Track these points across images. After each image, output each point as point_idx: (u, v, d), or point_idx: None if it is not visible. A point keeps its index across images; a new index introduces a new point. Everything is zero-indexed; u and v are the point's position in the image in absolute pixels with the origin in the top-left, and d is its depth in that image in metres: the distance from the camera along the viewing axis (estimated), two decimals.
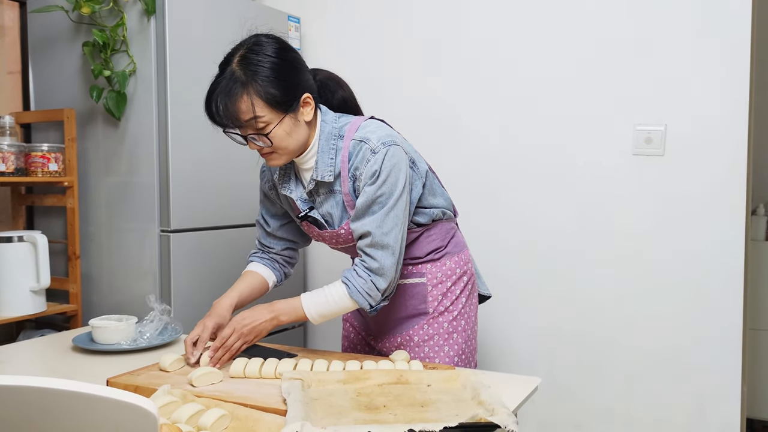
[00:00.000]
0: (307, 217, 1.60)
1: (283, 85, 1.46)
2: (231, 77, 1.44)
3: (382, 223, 1.49)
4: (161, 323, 1.78)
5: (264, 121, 1.45)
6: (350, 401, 1.24)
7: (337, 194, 1.57)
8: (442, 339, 1.65)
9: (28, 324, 2.48)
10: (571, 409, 2.47)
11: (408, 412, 1.19)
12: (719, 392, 2.25)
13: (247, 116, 1.44)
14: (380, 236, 1.49)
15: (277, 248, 1.76)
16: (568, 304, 2.45)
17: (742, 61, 2.16)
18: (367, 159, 1.50)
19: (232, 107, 1.44)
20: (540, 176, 2.47)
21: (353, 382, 1.33)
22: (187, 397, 1.24)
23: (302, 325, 2.88)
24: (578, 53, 2.39)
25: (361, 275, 1.51)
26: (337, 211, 1.58)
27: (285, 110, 1.47)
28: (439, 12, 2.62)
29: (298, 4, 2.86)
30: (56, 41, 2.44)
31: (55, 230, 2.49)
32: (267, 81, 1.44)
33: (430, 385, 1.33)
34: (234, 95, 1.43)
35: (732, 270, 2.22)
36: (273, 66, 1.45)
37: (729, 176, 2.21)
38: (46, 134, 2.50)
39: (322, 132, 1.55)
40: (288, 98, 1.47)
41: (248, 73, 1.44)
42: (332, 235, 1.60)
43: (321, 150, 1.55)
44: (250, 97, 1.43)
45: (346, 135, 1.55)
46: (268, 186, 1.72)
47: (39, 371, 1.56)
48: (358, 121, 1.57)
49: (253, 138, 1.48)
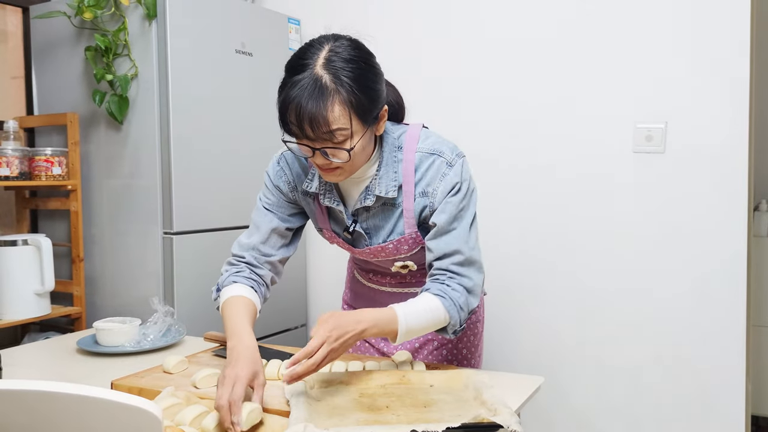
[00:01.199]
0: (354, 231, 1.48)
1: (370, 95, 1.30)
2: (316, 82, 1.25)
3: (469, 238, 1.41)
4: (165, 325, 1.79)
5: (347, 134, 1.28)
6: (353, 402, 1.25)
7: (395, 208, 1.45)
8: (461, 343, 1.65)
9: (33, 327, 2.49)
10: (573, 408, 2.48)
11: (410, 412, 1.19)
12: (723, 389, 2.25)
13: (333, 126, 1.26)
14: (469, 252, 1.40)
15: (276, 257, 1.54)
16: (570, 303, 2.46)
17: (743, 57, 2.16)
18: (443, 173, 1.40)
19: (323, 115, 1.25)
20: (540, 174, 2.47)
21: (356, 383, 1.33)
22: (190, 399, 1.25)
23: (304, 326, 2.89)
24: (578, 51, 2.39)
25: (457, 290, 1.39)
26: (387, 225, 1.46)
27: (369, 123, 1.32)
28: (439, 12, 2.63)
29: (299, 6, 2.87)
30: (59, 46, 2.45)
31: (59, 233, 2.50)
32: (358, 89, 1.27)
33: (433, 386, 1.33)
34: (325, 102, 1.25)
35: (735, 267, 2.22)
36: (362, 72, 1.29)
37: (730, 173, 2.21)
38: (49, 138, 2.51)
39: (386, 144, 1.43)
40: (374, 109, 1.32)
41: (338, 78, 1.26)
42: (375, 250, 1.48)
43: (385, 164, 1.41)
44: (342, 105, 1.26)
45: (405, 146, 1.43)
46: (289, 188, 1.53)
47: (44, 374, 1.57)
48: (415, 131, 1.46)
49: (325, 153, 1.30)
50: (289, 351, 1.61)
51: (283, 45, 2.72)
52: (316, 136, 1.27)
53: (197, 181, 2.35)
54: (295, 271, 2.82)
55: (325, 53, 1.28)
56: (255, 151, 2.59)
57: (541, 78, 2.46)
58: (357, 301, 1.78)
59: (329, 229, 1.54)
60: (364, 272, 1.72)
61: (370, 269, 1.68)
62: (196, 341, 1.81)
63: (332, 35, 1.34)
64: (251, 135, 2.57)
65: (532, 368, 2.47)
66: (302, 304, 2.89)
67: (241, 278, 1.48)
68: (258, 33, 2.59)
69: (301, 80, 1.26)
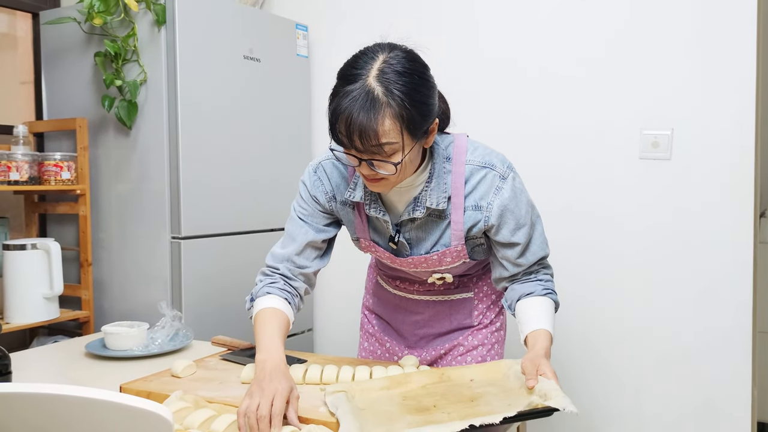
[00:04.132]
0: (398, 242, 1.46)
1: (422, 110, 1.27)
2: (369, 94, 1.22)
3: (543, 239, 1.49)
4: (172, 329, 1.80)
5: (396, 148, 1.26)
6: (398, 406, 1.22)
7: (442, 220, 1.43)
8: (485, 349, 1.65)
9: (42, 330, 2.51)
10: (580, 411, 2.47)
11: (460, 408, 1.18)
12: (729, 396, 2.24)
13: (384, 139, 1.23)
14: (548, 251, 1.51)
15: (311, 269, 1.51)
16: (576, 308, 2.46)
17: (749, 64, 2.16)
18: (498, 186, 1.40)
19: (373, 128, 1.22)
20: (547, 180, 2.47)
21: (396, 387, 1.31)
22: (199, 403, 1.26)
23: (311, 330, 2.90)
24: (584, 57, 2.40)
25: (550, 280, 1.51)
26: (432, 236, 1.45)
27: (419, 137, 1.29)
28: (447, 18, 2.64)
29: (306, 13, 2.88)
30: (68, 52, 2.47)
31: (68, 237, 2.52)
32: (410, 103, 1.24)
33: (473, 380, 1.33)
34: (376, 114, 1.22)
35: (741, 273, 2.21)
36: (415, 86, 1.26)
37: (737, 179, 2.21)
38: (58, 143, 2.53)
39: (436, 155, 1.41)
40: (425, 124, 1.29)
41: (390, 91, 1.23)
42: (417, 261, 1.47)
43: (437, 175, 1.40)
44: (393, 120, 1.23)
45: (454, 158, 1.41)
46: (327, 198, 1.50)
47: (53, 377, 1.58)
48: (462, 142, 1.44)
49: (372, 164, 1.28)
50: (296, 356, 1.61)
51: (290, 51, 2.74)
52: (365, 148, 1.25)
53: (205, 186, 2.36)
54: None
55: (378, 64, 1.25)
56: (263, 156, 2.60)
57: (547, 85, 2.46)
58: (381, 307, 1.76)
59: (368, 239, 1.51)
60: (390, 279, 1.70)
61: (397, 276, 1.67)
62: (204, 345, 1.81)
63: (388, 44, 1.31)
64: (259, 140, 2.59)
65: None
66: (308, 310, 2.90)
67: (275, 290, 1.46)
68: (266, 39, 2.61)
69: (353, 91, 1.23)
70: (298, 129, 2.79)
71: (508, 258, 1.46)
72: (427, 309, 1.66)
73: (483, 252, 1.53)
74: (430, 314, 1.66)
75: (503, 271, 1.49)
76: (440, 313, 1.65)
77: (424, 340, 1.68)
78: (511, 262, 1.47)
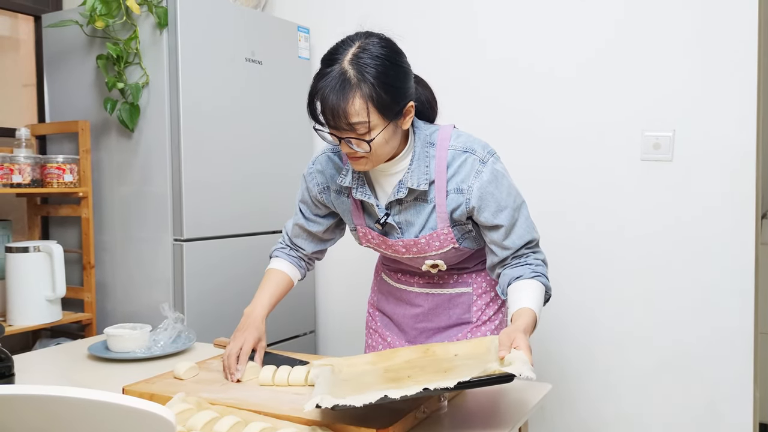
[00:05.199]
0: (385, 223, 1.53)
1: (393, 92, 1.37)
2: (342, 76, 1.34)
3: (529, 222, 1.51)
4: (175, 331, 1.80)
5: (368, 127, 1.36)
6: (378, 378, 1.28)
7: (427, 203, 1.50)
8: None
9: (44, 333, 2.51)
10: (581, 415, 2.48)
11: (430, 378, 1.21)
12: (731, 397, 2.24)
13: (354, 119, 1.34)
14: (536, 234, 1.52)
15: (309, 250, 1.71)
16: (578, 310, 2.46)
17: (750, 65, 2.17)
18: (477, 170, 1.47)
19: (342, 108, 1.33)
20: (548, 182, 2.48)
21: (382, 362, 1.37)
22: (201, 404, 1.26)
23: (313, 332, 2.90)
24: (586, 59, 2.40)
25: (540, 264, 1.50)
26: (419, 220, 1.52)
27: (390, 118, 1.39)
28: (447, 19, 2.64)
29: (308, 15, 2.89)
30: (71, 54, 2.48)
31: (70, 240, 2.52)
32: (380, 85, 1.34)
33: (457, 354, 1.35)
34: (346, 95, 1.33)
35: (742, 274, 2.22)
36: (386, 70, 1.36)
37: (738, 181, 2.21)
38: (60, 146, 2.54)
39: (418, 139, 1.50)
40: (396, 105, 1.39)
41: (361, 74, 1.34)
42: (407, 243, 1.54)
43: (417, 158, 1.48)
44: (362, 100, 1.33)
45: (438, 144, 1.49)
46: (318, 189, 1.62)
47: (56, 379, 1.58)
48: (446, 130, 1.53)
49: (349, 142, 1.39)
50: (298, 357, 1.62)
51: (292, 53, 2.75)
52: (338, 126, 1.36)
53: (207, 189, 2.37)
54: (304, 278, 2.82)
55: (354, 49, 1.37)
56: (264, 158, 2.61)
57: (548, 86, 2.46)
58: (384, 302, 1.80)
59: (363, 225, 1.59)
60: (392, 272, 1.76)
61: (399, 269, 1.73)
62: (206, 348, 1.82)
63: (365, 32, 1.43)
64: (261, 142, 2.59)
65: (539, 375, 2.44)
66: (311, 311, 2.90)
67: (283, 254, 1.71)
68: (268, 41, 2.61)
69: (329, 73, 1.35)
70: (300, 132, 2.79)
71: (495, 241, 1.51)
72: (426, 302, 1.69)
73: (473, 240, 1.57)
74: (429, 306, 1.69)
75: (494, 257, 1.53)
76: (439, 306, 1.68)
77: (424, 334, 1.71)
78: (498, 245, 1.51)
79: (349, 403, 1.09)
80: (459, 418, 1.27)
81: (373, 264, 1.89)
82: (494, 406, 1.36)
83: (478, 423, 1.25)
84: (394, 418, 1.18)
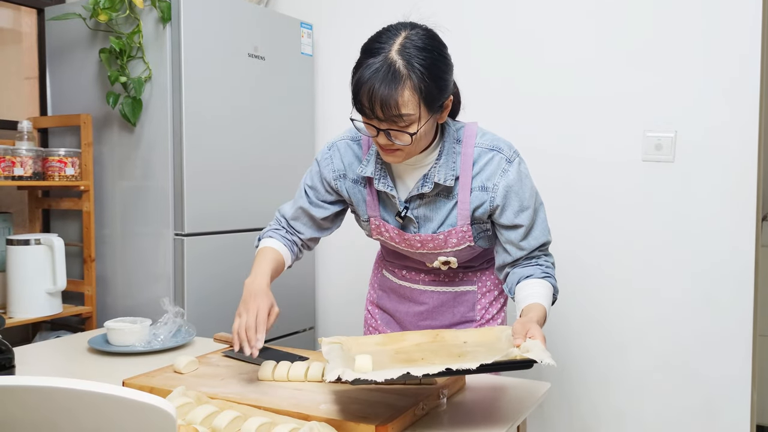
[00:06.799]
0: (404, 217, 1.51)
1: (439, 84, 1.35)
2: (390, 66, 1.31)
3: (546, 225, 1.52)
4: (175, 325, 1.81)
5: (413, 119, 1.34)
6: (390, 358, 1.30)
7: (449, 200, 1.49)
8: None
9: (44, 325, 2.51)
10: (580, 414, 2.48)
11: (445, 361, 1.23)
12: (729, 399, 2.25)
13: (403, 110, 1.31)
14: (550, 237, 1.53)
15: (306, 235, 1.64)
16: (578, 309, 2.46)
17: (753, 67, 2.17)
18: (504, 169, 1.46)
19: (394, 99, 1.30)
20: (549, 182, 2.47)
21: (391, 344, 1.39)
22: (201, 398, 1.27)
23: (312, 328, 2.91)
24: (587, 59, 2.40)
25: (551, 266, 1.51)
26: (438, 216, 1.50)
27: (434, 111, 1.37)
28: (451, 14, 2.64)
29: (311, 11, 2.89)
30: (73, 48, 2.48)
31: (71, 233, 2.53)
32: (429, 77, 1.32)
33: (466, 342, 1.37)
34: (396, 86, 1.30)
35: (742, 276, 2.22)
36: (434, 61, 1.34)
37: (739, 182, 2.21)
38: (62, 139, 2.54)
39: (447, 135, 1.49)
40: (441, 98, 1.37)
41: (411, 65, 1.31)
42: (424, 239, 1.52)
43: (446, 153, 1.47)
44: (411, 91, 1.31)
45: (464, 140, 1.49)
46: (334, 175, 1.58)
47: (55, 372, 1.58)
48: (473, 127, 1.52)
49: (388, 134, 1.35)
50: (297, 353, 1.62)
51: (295, 49, 2.75)
52: (386, 117, 1.33)
53: (209, 183, 2.37)
54: (304, 274, 2.83)
55: (400, 39, 1.34)
56: (266, 153, 2.61)
57: (550, 87, 2.46)
58: (386, 299, 1.79)
59: (378, 216, 1.56)
60: (396, 269, 1.74)
61: (404, 266, 1.71)
62: (206, 342, 1.82)
63: (409, 23, 1.40)
64: (263, 138, 2.59)
65: (538, 374, 2.47)
66: (310, 308, 2.91)
67: (278, 235, 1.62)
68: (270, 37, 2.61)
69: (375, 63, 1.32)
70: (302, 127, 2.79)
71: (512, 241, 1.49)
72: (431, 299, 1.69)
73: (488, 240, 1.56)
74: (433, 304, 1.69)
75: (506, 257, 1.51)
76: (444, 304, 1.68)
77: None
78: (515, 245, 1.49)
79: (370, 378, 1.10)
80: (458, 416, 1.27)
81: (373, 260, 1.89)
82: (493, 404, 1.36)
83: (477, 420, 1.26)
84: (393, 414, 1.18)
